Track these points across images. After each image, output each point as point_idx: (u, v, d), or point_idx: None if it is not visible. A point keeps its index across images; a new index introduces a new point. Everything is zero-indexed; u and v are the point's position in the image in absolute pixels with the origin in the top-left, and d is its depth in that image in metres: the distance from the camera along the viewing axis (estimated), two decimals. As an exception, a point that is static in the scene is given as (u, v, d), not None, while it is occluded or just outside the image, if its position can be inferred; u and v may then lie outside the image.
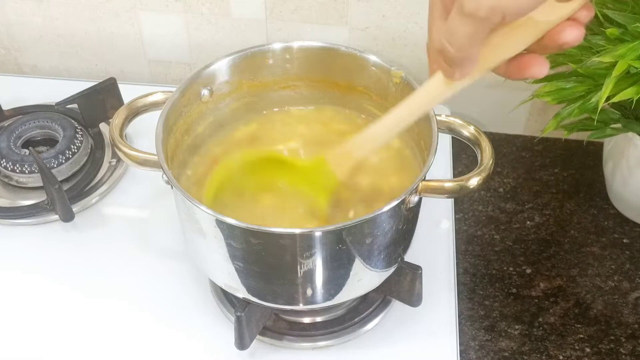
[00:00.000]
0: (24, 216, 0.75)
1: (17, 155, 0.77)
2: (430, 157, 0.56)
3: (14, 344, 0.65)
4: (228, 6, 0.87)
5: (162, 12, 0.89)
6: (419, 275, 0.63)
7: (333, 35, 0.87)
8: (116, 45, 0.94)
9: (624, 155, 0.74)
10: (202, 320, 0.67)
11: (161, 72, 0.96)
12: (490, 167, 0.57)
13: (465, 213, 0.79)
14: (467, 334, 0.68)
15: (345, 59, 0.66)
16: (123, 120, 0.62)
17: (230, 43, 0.90)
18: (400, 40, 0.86)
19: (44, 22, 0.93)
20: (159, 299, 0.68)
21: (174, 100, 0.62)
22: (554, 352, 0.66)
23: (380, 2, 0.83)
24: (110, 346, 0.65)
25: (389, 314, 0.67)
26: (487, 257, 0.75)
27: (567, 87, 0.70)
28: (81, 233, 0.75)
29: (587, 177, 0.83)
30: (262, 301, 0.60)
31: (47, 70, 0.99)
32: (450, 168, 0.81)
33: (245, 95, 0.69)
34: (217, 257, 0.58)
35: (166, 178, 0.56)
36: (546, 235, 0.77)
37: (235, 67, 0.66)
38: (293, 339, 0.65)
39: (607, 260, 0.75)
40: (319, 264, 0.56)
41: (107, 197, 0.78)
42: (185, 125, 0.65)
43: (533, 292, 0.71)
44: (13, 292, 0.70)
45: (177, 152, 0.64)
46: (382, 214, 0.54)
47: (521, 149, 0.87)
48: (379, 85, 0.66)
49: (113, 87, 0.81)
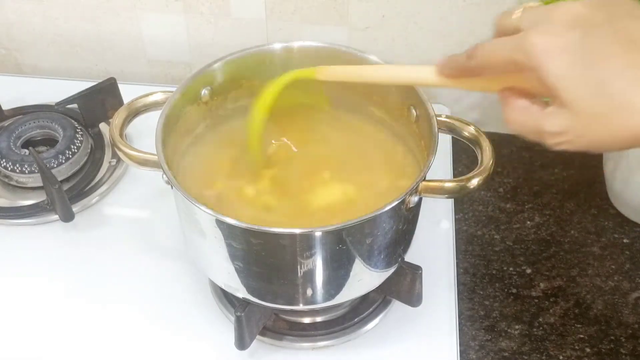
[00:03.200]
0: (24, 216, 0.75)
1: (17, 155, 0.77)
2: (430, 157, 0.56)
3: (14, 344, 0.65)
4: (228, 6, 0.87)
5: (162, 12, 0.89)
6: (419, 275, 0.63)
7: (333, 35, 0.87)
8: (116, 45, 0.94)
9: (624, 155, 0.74)
10: (202, 320, 0.67)
11: (161, 72, 0.96)
12: (491, 167, 0.57)
13: (465, 213, 0.79)
14: (467, 334, 0.68)
15: (345, 59, 0.66)
16: (123, 120, 0.62)
17: (230, 43, 0.90)
18: (400, 40, 0.86)
19: (44, 22, 0.93)
20: (159, 299, 0.68)
21: (174, 100, 0.62)
22: (554, 352, 0.66)
23: (380, 2, 0.83)
24: (110, 346, 0.65)
25: (389, 314, 0.67)
26: (487, 257, 0.75)
27: (567, 87, 0.70)
28: (81, 233, 0.75)
29: (587, 177, 0.83)
30: (262, 301, 0.60)
31: (47, 70, 0.99)
32: (450, 168, 0.81)
33: (245, 95, 0.68)
34: (217, 257, 0.58)
35: (166, 178, 0.56)
36: (546, 235, 0.77)
37: (236, 67, 0.66)
38: (293, 339, 0.65)
39: (607, 260, 0.75)
40: (319, 264, 0.56)
41: (107, 197, 0.78)
42: (185, 125, 0.65)
43: (533, 292, 0.71)
44: (13, 292, 0.70)
45: (177, 152, 0.64)
46: (382, 214, 0.54)
47: (521, 149, 0.87)
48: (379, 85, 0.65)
49: (113, 87, 0.81)
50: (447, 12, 0.82)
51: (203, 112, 0.67)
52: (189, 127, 0.66)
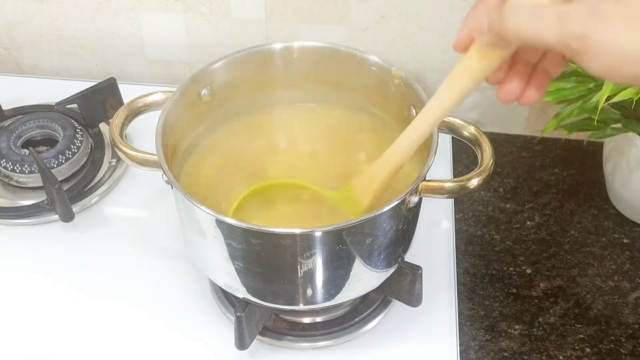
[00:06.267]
0: (24, 216, 0.75)
1: (17, 155, 0.77)
2: (430, 157, 0.56)
3: (14, 344, 0.65)
4: (228, 6, 0.87)
5: (162, 12, 0.89)
6: (419, 275, 0.63)
7: (333, 35, 0.87)
8: (116, 45, 0.94)
9: (624, 155, 0.74)
10: (202, 320, 0.67)
11: (161, 72, 0.96)
12: (491, 167, 0.57)
13: (465, 213, 0.79)
14: (467, 334, 0.68)
15: (345, 59, 0.66)
16: (123, 120, 0.62)
17: (230, 43, 0.90)
18: (400, 40, 0.86)
19: (44, 22, 0.93)
20: (159, 299, 0.68)
21: (174, 100, 0.62)
22: (554, 352, 0.66)
23: (380, 2, 0.83)
24: (110, 346, 0.65)
25: (389, 314, 0.67)
26: (487, 257, 0.75)
27: (567, 87, 0.70)
28: (81, 233, 0.75)
29: (587, 177, 0.83)
30: (262, 301, 0.60)
31: (47, 70, 0.99)
32: (450, 168, 0.81)
33: (245, 95, 0.68)
34: (217, 257, 0.58)
35: (166, 178, 0.56)
36: (546, 235, 0.77)
37: (235, 67, 0.66)
38: (293, 339, 0.65)
39: (607, 260, 0.75)
40: (319, 264, 0.56)
41: (107, 197, 0.78)
42: (186, 125, 0.65)
43: (533, 292, 0.71)
44: (13, 292, 0.70)
45: (177, 152, 0.64)
46: (382, 214, 0.54)
47: (521, 149, 0.87)
48: (380, 86, 0.66)
49: (113, 87, 0.81)
50: (447, 12, 0.82)
51: (203, 112, 0.67)
52: (189, 127, 0.66)
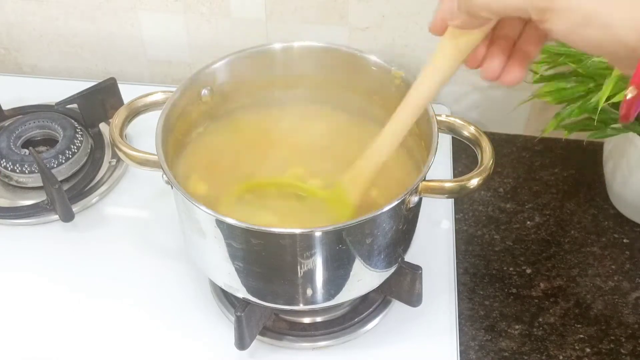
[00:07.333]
0: (24, 216, 0.75)
1: (17, 155, 0.77)
2: (430, 157, 0.56)
3: (14, 344, 0.65)
4: (228, 6, 0.87)
5: (162, 12, 0.89)
6: (419, 275, 0.63)
7: (333, 35, 0.87)
8: (116, 45, 0.94)
9: (624, 156, 0.74)
10: (202, 320, 0.67)
11: (161, 72, 0.96)
12: (491, 167, 0.57)
13: (465, 213, 0.79)
14: (467, 334, 0.68)
15: (345, 59, 0.66)
16: (123, 120, 0.62)
17: (230, 43, 0.90)
18: (400, 40, 0.86)
19: (44, 22, 0.93)
20: (159, 299, 0.68)
21: (174, 100, 0.62)
22: (554, 352, 0.66)
23: (380, 2, 0.83)
24: (110, 346, 0.65)
25: (389, 314, 0.67)
26: (487, 257, 0.75)
27: (567, 87, 0.70)
28: (81, 233, 0.75)
29: (587, 177, 0.83)
30: (262, 301, 0.60)
31: (47, 70, 0.99)
32: (450, 168, 0.81)
33: (245, 95, 0.69)
34: (217, 257, 0.58)
35: (166, 178, 0.56)
36: (546, 235, 0.77)
37: (235, 67, 0.66)
38: (293, 339, 0.65)
39: (607, 260, 0.75)
40: (319, 264, 0.56)
41: (107, 197, 0.78)
42: (185, 125, 0.65)
43: (533, 292, 0.71)
44: (13, 292, 0.69)
45: (177, 152, 0.64)
46: (382, 214, 0.54)
47: (521, 149, 0.87)
48: (380, 85, 0.66)
49: (113, 87, 0.81)
50: (447, 12, 0.82)
51: (203, 112, 0.67)
52: (189, 127, 0.66)
